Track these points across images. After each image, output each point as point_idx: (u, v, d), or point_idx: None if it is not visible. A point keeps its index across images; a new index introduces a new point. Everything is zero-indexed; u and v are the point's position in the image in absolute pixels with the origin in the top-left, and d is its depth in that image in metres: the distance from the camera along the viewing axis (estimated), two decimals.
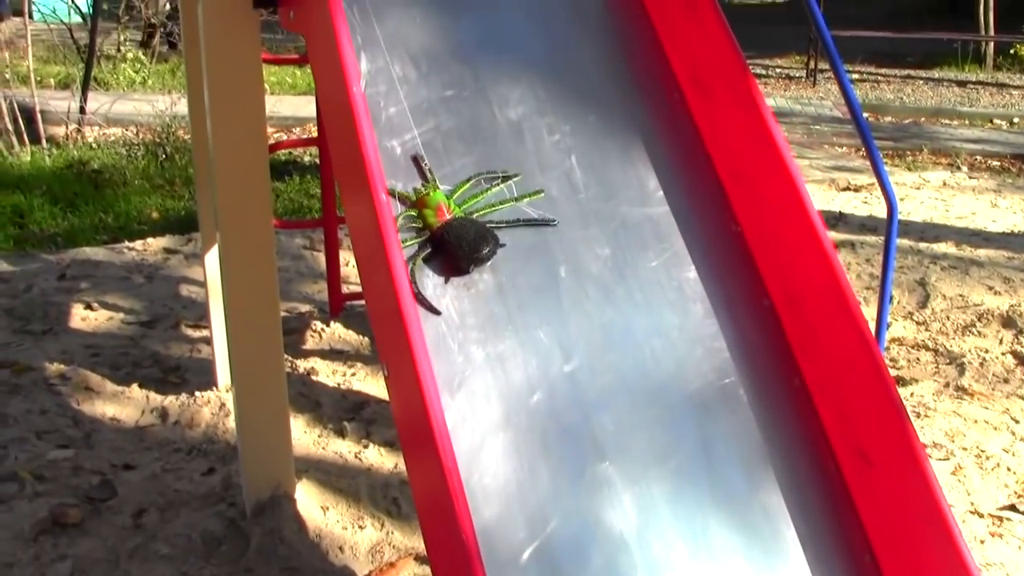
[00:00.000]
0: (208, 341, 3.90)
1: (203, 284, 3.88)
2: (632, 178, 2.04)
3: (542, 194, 1.96)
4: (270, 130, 4.29)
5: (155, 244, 5.59)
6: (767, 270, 1.98)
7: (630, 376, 1.82)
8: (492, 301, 1.84)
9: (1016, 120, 11.53)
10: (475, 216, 1.90)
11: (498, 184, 1.95)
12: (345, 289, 4.36)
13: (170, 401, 3.66)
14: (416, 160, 1.96)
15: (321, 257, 4.94)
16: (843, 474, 1.86)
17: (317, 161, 6.22)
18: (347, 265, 4.93)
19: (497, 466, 1.70)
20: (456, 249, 1.83)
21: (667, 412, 1.80)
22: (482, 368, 1.77)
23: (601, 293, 1.89)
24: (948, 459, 3.44)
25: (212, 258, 3.53)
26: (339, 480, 3.12)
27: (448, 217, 1.87)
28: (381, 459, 3.30)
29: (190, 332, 4.35)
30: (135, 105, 8.15)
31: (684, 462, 1.77)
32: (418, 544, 2.85)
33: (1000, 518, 3.13)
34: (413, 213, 1.90)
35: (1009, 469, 3.40)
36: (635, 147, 2.08)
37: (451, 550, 1.51)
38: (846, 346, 1.84)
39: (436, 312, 1.80)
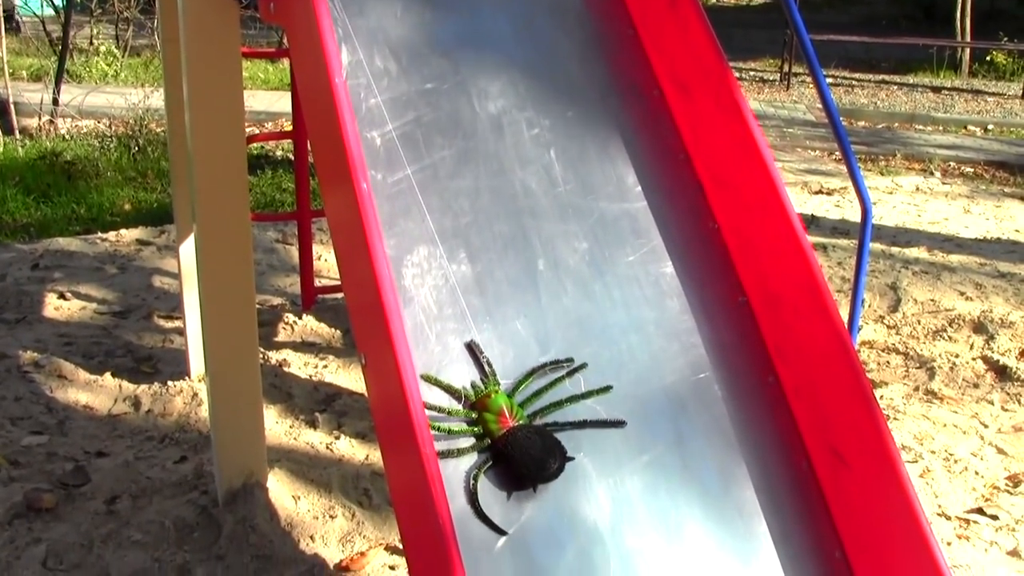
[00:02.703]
0: (181, 332, 3.90)
1: (176, 275, 3.87)
2: (611, 174, 2.06)
3: (611, 390, 1.82)
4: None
5: (128, 235, 5.57)
6: (744, 268, 2.00)
7: (606, 370, 1.83)
8: (470, 292, 1.85)
9: (991, 127, 11.65)
10: (538, 416, 1.76)
11: (563, 378, 1.81)
12: (318, 283, 4.36)
13: (143, 390, 3.65)
14: (472, 350, 1.81)
15: (294, 251, 4.94)
16: (816, 473, 1.88)
17: (290, 156, 6.23)
18: (320, 259, 4.93)
19: (472, 455, 1.71)
20: (520, 466, 1.67)
21: (642, 406, 1.82)
22: (459, 358, 1.78)
23: (578, 287, 1.90)
24: (916, 462, 3.48)
25: (187, 249, 3.53)
26: (311, 470, 3.12)
27: (511, 423, 1.72)
28: (352, 450, 3.30)
29: (163, 323, 4.34)
30: (108, 98, 8.12)
31: (658, 456, 1.79)
32: (388, 534, 2.86)
33: (967, 521, 3.16)
34: (473, 416, 1.74)
35: (977, 473, 3.44)
36: (614, 143, 2.10)
37: (427, 537, 1.52)
38: (822, 346, 1.85)
39: (502, 533, 1.67)
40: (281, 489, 3.00)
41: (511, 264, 1.90)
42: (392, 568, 2.72)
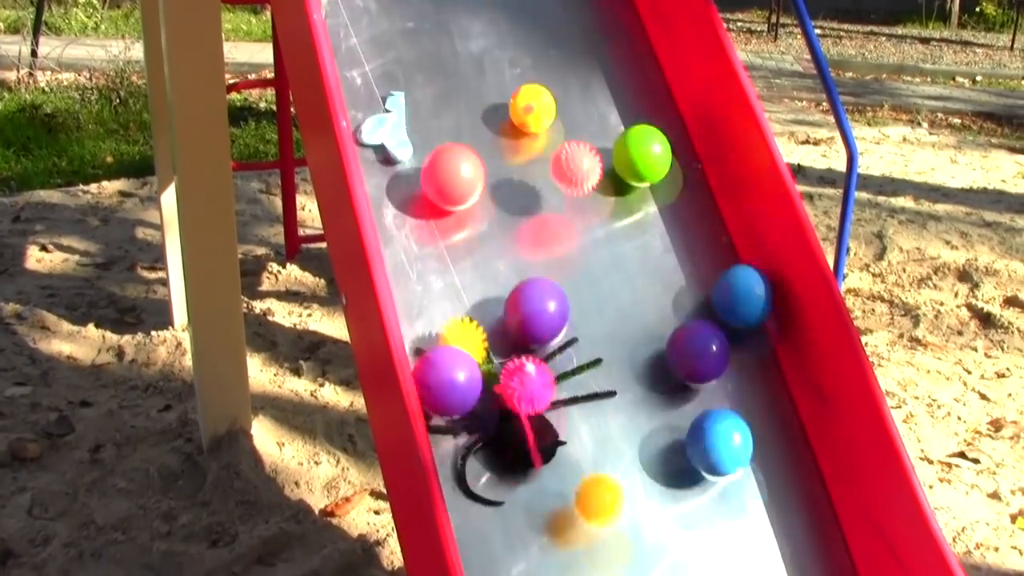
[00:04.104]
0: (164, 282, 3.89)
1: (159, 227, 3.85)
2: (593, 113, 2.03)
3: (600, 364, 1.77)
4: (225, 76, 4.25)
5: (110, 187, 5.54)
6: (727, 208, 1.99)
7: (588, 309, 1.82)
8: (451, 231, 1.83)
9: (979, 78, 11.62)
10: None
11: (555, 354, 1.75)
12: (301, 232, 4.34)
13: (126, 340, 3.64)
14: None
15: (277, 201, 4.92)
16: (799, 409, 1.87)
17: (273, 108, 6.18)
18: (304, 209, 4.91)
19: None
20: (511, 450, 1.63)
21: (624, 346, 1.81)
22: (440, 297, 1.77)
23: (560, 226, 1.89)
24: (900, 407, 3.50)
25: (168, 199, 3.51)
26: (295, 417, 3.13)
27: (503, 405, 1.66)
28: (337, 397, 3.30)
29: (146, 274, 4.32)
30: (88, 50, 8.04)
31: (641, 396, 1.78)
32: (373, 480, 2.86)
33: (949, 464, 3.19)
34: None
35: (959, 418, 3.46)
36: (596, 82, 2.07)
37: (410, 480, 1.51)
38: (806, 284, 1.84)
39: (496, 504, 1.63)
40: (265, 436, 3.00)
41: (494, 203, 1.88)
42: (377, 513, 2.73)
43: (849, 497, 1.80)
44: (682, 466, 1.75)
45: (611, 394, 1.76)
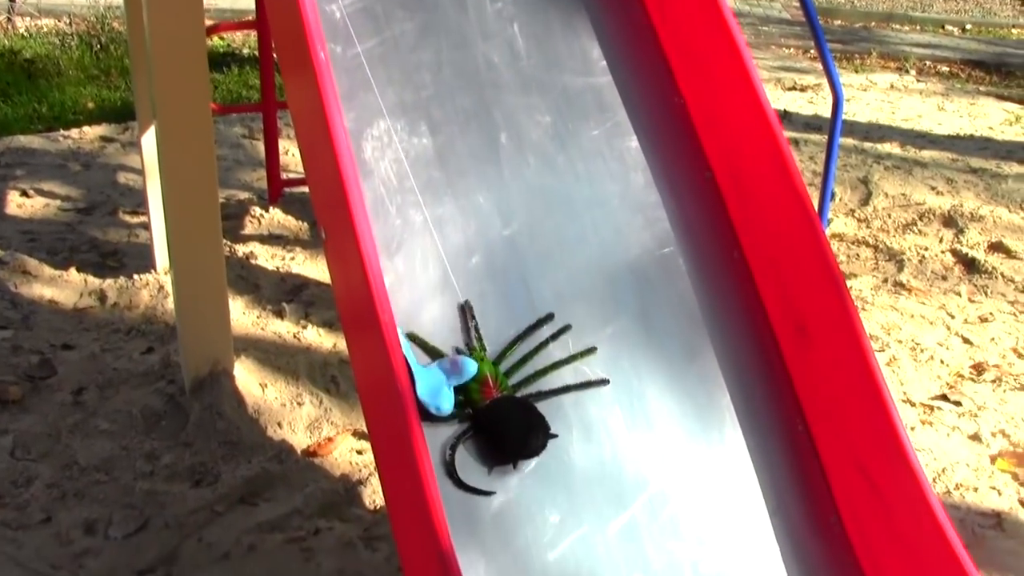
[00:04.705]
0: (146, 226, 3.86)
1: (140, 172, 3.82)
2: (575, 48, 2.01)
3: (595, 352, 1.75)
4: (208, 22, 4.17)
5: (91, 132, 5.48)
6: (709, 144, 1.97)
7: (570, 243, 1.81)
8: (431, 166, 1.81)
9: (968, 26, 11.56)
10: (523, 386, 1.68)
11: (547, 342, 1.73)
12: (284, 176, 4.31)
13: (108, 284, 3.62)
14: (464, 312, 1.73)
15: (260, 146, 4.88)
16: (780, 346, 1.87)
17: (256, 54, 6.11)
18: (287, 153, 4.87)
19: (434, 327, 1.69)
20: (501, 441, 1.61)
21: (606, 279, 1.80)
22: (421, 231, 1.75)
23: (542, 161, 1.87)
24: (883, 351, 3.50)
25: (149, 142, 3.47)
26: (278, 359, 3.12)
27: (495, 394, 1.64)
28: (320, 339, 3.29)
29: (128, 218, 4.29)
30: None
31: (622, 329, 1.78)
32: (356, 420, 2.86)
33: (931, 407, 3.20)
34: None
35: (942, 362, 3.47)
36: (579, 18, 2.05)
37: (390, 415, 1.50)
38: (788, 220, 1.83)
39: (488, 494, 1.61)
40: (248, 377, 2.99)
41: (473, 137, 1.86)
42: (359, 452, 2.73)
43: (831, 434, 1.80)
44: (661, 401, 1.75)
45: (604, 382, 1.74)
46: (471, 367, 1.63)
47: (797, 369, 1.85)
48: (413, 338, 1.68)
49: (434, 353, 1.67)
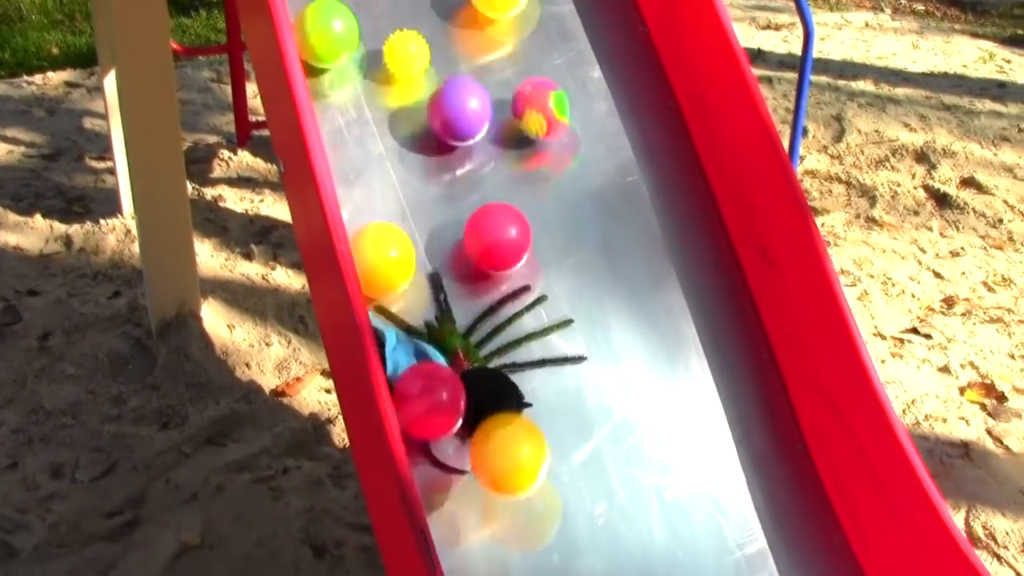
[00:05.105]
0: (112, 171, 3.81)
1: (106, 116, 3.76)
2: None
3: (572, 323, 1.71)
4: None
5: (56, 78, 5.39)
6: (673, 72, 1.95)
7: (531, 173, 1.79)
8: (390, 97, 1.78)
9: None
10: (494, 357, 1.65)
11: (521, 313, 1.68)
12: (252, 119, 4.25)
13: (74, 229, 3.58)
14: (434, 282, 1.69)
15: (228, 89, 4.80)
16: (746, 275, 1.86)
17: None
18: (255, 97, 4.80)
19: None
20: (473, 413, 1.54)
21: (568, 209, 1.78)
22: (379, 161, 1.73)
23: (502, 89, 1.84)
24: (855, 285, 3.51)
25: (112, 84, 3.41)
26: (246, 300, 3.10)
27: (465, 366, 1.60)
28: (288, 280, 3.27)
29: (94, 164, 4.24)
30: None
31: (585, 259, 1.76)
32: (324, 361, 2.85)
33: (901, 340, 3.21)
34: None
35: (913, 295, 3.47)
36: None
37: (348, 344, 1.49)
38: (752, 148, 1.81)
39: (461, 472, 1.55)
40: (216, 319, 2.97)
41: (434, 69, 1.83)
42: (328, 391, 2.72)
43: (796, 363, 1.80)
44: (625, 330, 1.74)
45: (581, 359, 1.70)
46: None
47: (763, 298, 1.84)
48: (381, 311, 1.64)
49: (404, 327, 1.63)
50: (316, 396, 2.71)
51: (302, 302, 3.12)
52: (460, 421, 1.52)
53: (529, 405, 1.60)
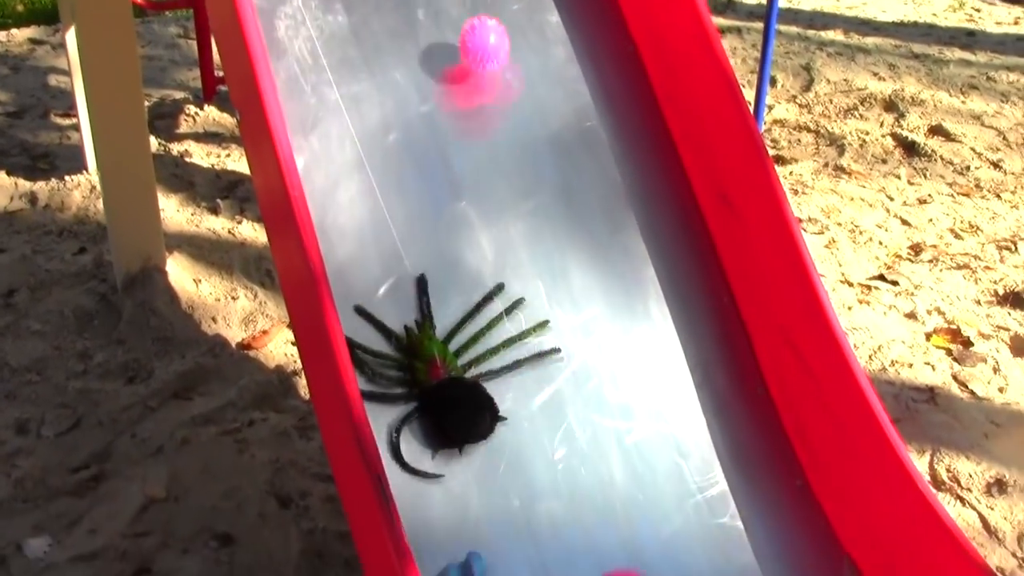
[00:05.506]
0: (77, 127, 3.77)
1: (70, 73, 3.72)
2: None
3: (548, 325, 1.70)
4: None
5: (20, 35, 5.32)
6: (631, 15, 1.94)
7: (490, 117, 1.78)
8: (347, 44, 1.77)
9: None
10: (472, 365, 1.63)
11: (501, 318, 1.67)
12: (218, 74, 4.22)
13: (39, 186, 3.55)
14: (419, 285, 1.67)
15: (195, 45, 4.76)
16: (705, 219, 1.86)
17: None
18: None
19: (352, 206, 1.66)
20: (448, 425, 1.56)
21: (526, 154, 1.78)
22: (336, 109, 1.72)
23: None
24: (823, 233, 3.52)
25: (74, 40, 3.38)
26: (212, 254, 3.08)
27: (442, 375, 1.59)
28: (255, 234, 3.25)
29: (59, 120, 4.19)
30: None
31: (543, 204, 1.76)
32: None
33: (868, 287, 3.22)
34: (402, 359, 1.61)
35: (881, 243, 3.49)
36: None
37: (303, 291, 1.48)
38: (710, 91, 1.81)
39: (436, 477, 1.56)
40: (182, 274, 2.96)
41: (389, 14, 1.82)
42: (294, 344, 2.71)
43: (757, 306, 1.80)
44: (584, 275, 1.74)
45: (555, 351, 1.69)
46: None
47: (723, 241, 1.84)
48: (362, 312, 1.63)
49: (383, 330, 1.63)
50: (282, 349, 2.70)
51: (268, 256, 3.10)
52: None
53: (504, 419, 1.60)
